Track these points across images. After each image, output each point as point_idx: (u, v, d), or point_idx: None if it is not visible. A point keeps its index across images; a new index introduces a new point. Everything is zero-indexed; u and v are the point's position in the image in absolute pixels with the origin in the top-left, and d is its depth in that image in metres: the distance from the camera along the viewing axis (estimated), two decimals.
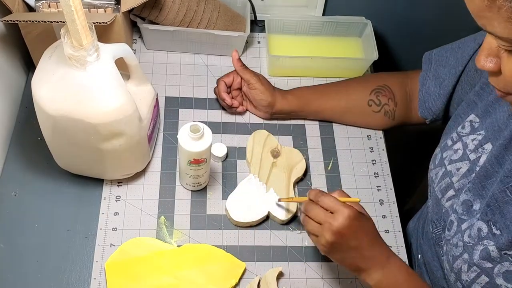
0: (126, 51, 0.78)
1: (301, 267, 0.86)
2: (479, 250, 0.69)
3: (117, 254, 0.82)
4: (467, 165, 0.75)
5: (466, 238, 0.71)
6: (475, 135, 0.75)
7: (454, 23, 1.25)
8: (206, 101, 1.03)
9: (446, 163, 0.79)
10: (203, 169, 0.85)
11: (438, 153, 0.82)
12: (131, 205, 0.89)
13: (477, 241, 0.69)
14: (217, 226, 0.88)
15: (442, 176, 0.80)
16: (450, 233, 0.76)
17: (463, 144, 0.77)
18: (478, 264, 0.69)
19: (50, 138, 0.82)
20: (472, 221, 0.71)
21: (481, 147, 0.73)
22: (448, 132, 0.82)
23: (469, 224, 0.72)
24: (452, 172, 0.78)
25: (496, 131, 0.72)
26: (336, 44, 1.14)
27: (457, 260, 0.73)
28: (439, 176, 0.80)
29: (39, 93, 0.73)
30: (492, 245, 0.67)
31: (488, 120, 0.74)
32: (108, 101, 0.73)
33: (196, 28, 1.03)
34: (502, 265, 0.66)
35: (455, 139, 0.79)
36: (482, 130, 0.74)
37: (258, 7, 1.12)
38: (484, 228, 0.68)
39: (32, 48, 0.95)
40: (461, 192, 0.75)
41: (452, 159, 0.78)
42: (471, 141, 0.76)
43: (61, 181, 0.89)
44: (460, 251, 0.72)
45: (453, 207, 0.76)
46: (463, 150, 0.76)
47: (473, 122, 0.76)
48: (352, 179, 0.97)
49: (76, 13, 0.64)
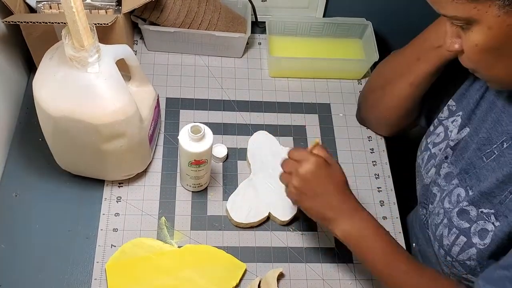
0: (127, 52, 0.78)
1: (302, 268, 0.86)
2: (457, 212, 0.72)
3: (118, 254, 0.83)
4: (445, 143, 0.80)
5: (446, 204, 0.75)
6: (454, 117, 0.79)
7: None
8: (207, 102, 1.03)
9: (431, 147, 0.83)
10: (204, 170, 0.85)
11: (423, 140, 0.86)
12: (132, 206, 0.89)
13: (456, 204, 0.73)
14: (217, 227, 0.88)
15: (427, 159, 0.83)
16: (433, 205, 0.79)
17: (444, 127, 0.81)
18: (457, 226, 0.72)
19: (51, 139, 0.82)
20: (449, 187, 0.75)
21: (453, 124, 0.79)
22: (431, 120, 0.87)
23: (448, 192, 0.76)
24: (436, 154, 0.82)
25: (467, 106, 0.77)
26: (337, 46, 1.14)
27: (439, 227, 0.76)
28: (425, 160, 0.84)
29: (40, 94, 0.74)
30: (468, 205, 0.71)
31: (464, 102, 0.78)
32: (109, 102, 0.73)
33: (197, 30, 1.03)
34: (478, 224, 0.69)
35: (436, 124, 0.83)
36: (460, 112, 0.78)
37: (259, 8, 1.12)
38: (462, 193, 0.73)
39: (33, 49, 0.96)
40: (440, 167, 0.79)
41: (435, 142, 0.82)
42: (451, 123, 0.80)
43: (62, 182, 0.89)
44: (441, 217, 0.76)
45: (435, 182, 0.80)
46: (444, 132, 0.81)
47: (450, 106, 0.81)
48: (352, 180, 0.97)
49: (77, 14, 0.64)
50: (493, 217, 0.68)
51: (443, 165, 0.79)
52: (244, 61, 1.10)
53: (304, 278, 0.85)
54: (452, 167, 0.77)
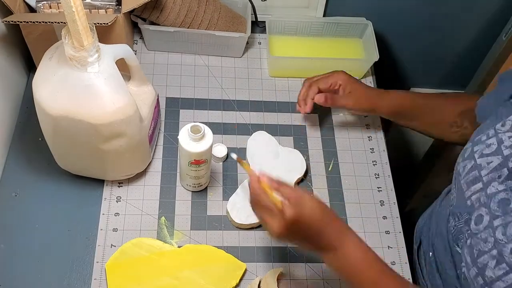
0: (127, 51, 0.78)
1: (302, 268, 0.86)
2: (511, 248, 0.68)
3: (118, 254, 0.82)
4: (499, 160, 0.74)
5: (499, 235, 0.70)
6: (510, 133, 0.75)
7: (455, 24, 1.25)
8: (207, 102, 1.03)
9: (476, 157, 0.78)
10: (204, 170, 0.85)
11: (468, 147, 0.81)
12: (132, 206, 0.89)
13: (511, 240, 0.68)
14: (217, 226, 0.88)
15: (470, 169, 0.79)
16: (478, 227, 0.74)
17: (498, 140, 0.76)
18: (509, 262, 0.68)
19: (51, 138, 0.82)
20: (507, 218, 0.70)
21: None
22: (485, 129, 0.80)
23: (503, 221, 0.70)
24: (481, 166, 0.77)
25: None
26: (337, 45, 1.14)
27: (484, 255, 0.71)
28: (467, 169, 0.79)
29: (40, 94, 0.73)
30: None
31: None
32: (109, 102, 0.73)
33: (197, 29, 1.03)
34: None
35: (491, 134, 0.78)
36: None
37: (259, 8, 1.12)
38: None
39: (33, 49, 0.96)
40: (489, 185, 0.74)
41: (483, 152, 0.77)
42: (507, 138, 0.75)
43: (62, 182, 0.89)
44: (490, 246, 0.71)
45: (480, 201, 0.75)
46: (497, 145, 0.76)
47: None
48: (352, 180, 0.97)
49: (77, 14, 0.64)
50: None
51: (493, 184, 0.74)
52: (244, 61, 1.10)
53: (304, 278, 0.85)
54: (511, 194, 0.71)
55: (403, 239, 0.91)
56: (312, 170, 0.97)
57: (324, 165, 0.98)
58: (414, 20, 1.24)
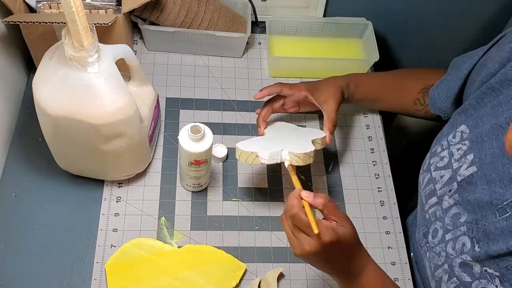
0: (127, 52, 0.78)
1: (302, 268, 0.86)
2: (459, 263, 0.69)
3: (118, 255, 0.82)
4: (449, 173, 0.75)
5: (449, 249, 0.72)
6: (461, 145, 0.75)
7: (455, 24, 1.25)
8: (207, 102, 1.03)
9: (432, 169, 0.79)
10: (204, 170, 0.85)
11: (427, 158, 0.83)
12: (132, 206, 0.89)
13: (459, 254, 0.70)
14: (217, 227, 0.88)
15: (427, 182, 0.80)
16: (434, 240, 0.76)
17: (449, 153, 0.77)
18: (458, 276, 0.69)
19: (50, 138, 0.82)
20: (456, 233, 0.71)
21: (465, 157, 0.73)
22: (440, 139, 0.81)
23: (453, 236, 0.72)
24: (436, 179, 0.78)
25: (479, 143, 0.72)
26: (337, 45, 1.14)
27: (439, 269, 0.74)
28: (425, 182, 0.81)
29: (40, 94, 0.73)
30: (473, 261, 0.67)
31: (475, 131, 0.74)
32: (109, 102, 0.73)
33: (196, 29, 1.03)
34: (480, 282, 0.66)
35: (445, 146, 0.79)
36: (467, 141, 0.74)
37: (259, 8, 1.12)
38: (468, 244, 0.69)
39: (33, 49, 0.96)
40: (442, 199, 0.76)
41: (437, 166, 0.78)
42: (456, 150, 0.76)
43: (62, 182, 0.89)
44: (442, 260, 0.73)
45: (436, 215, 0.77)
46: (448, 158, 0.77)
47: (463, 133, 0.76)
48: (352, 180, 0.97)
49: (77, 14, 0.64)
50: (497, 280, 0.64)
51: (445, 198, 0.75)
52: (244, 61, 1.10)
53: (304, 278, 0.85)
54: (460, 208, 0.72)
55: (403, 239, 0.91)
56: (312, 170, 0.97)
57: (324, 165, 0.98)
58: (414, 20, 1.24)
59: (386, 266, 0.88)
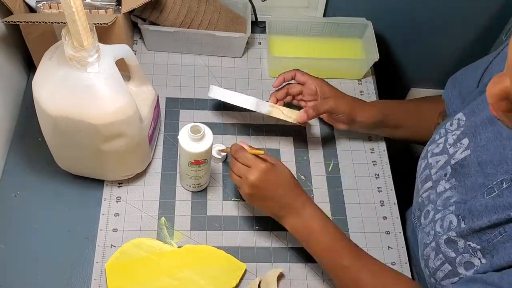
0: (127, 52, 0.78)
1: (302, 268, 0.86)
2: (445, 240, 0.72)
3: (118, 255, 0.82)
4: (445, 158, 0.79)
5: (437, 227, 0.75)
6: (458, 131, 0.78)
7: (455, 24, 1.25)
8: (207, 102, 1.03)
9: (429, 156, 0.82)
10: (204, 170, 0.85)
11: (426, 146, 0.85)
12: (132, 206, 0.89)
13: (446, 231, 0.73)
14: (217, 227, 0.88)
15: (424, 167, 0.83)
16: (425, 221, 0.79)
17: (445, 139, 0.80)
18: (444, 253, 0.72)
19: (50, 138, 0.82)
20: (445, 212, 0.74)
21: (459, 141, 0.77)
22: (440, 127, 0.84)
23: (442, 215, 0.75)
24: (432, 165, 0.81)
25: (474, 127, 0.75)
26: (337, 45, 1.14)
27: (427, 248, 0.76)
28: (421, 168, 0.84)
29: (39, 94, 0.73)
30: (458, 237, 0.70)
31: (471, 119, 0.77)
32: (109, 102, 0.73)
33: (196, 29, 1.03)
34: (464, 256, 0.69)
35: (442, 134, 0.81)
36: (463, 128, 0.77)
37: (259, 8, 1.12)
38: (454, 222, 0.72)
39: (33, 49, 0.96)
40: (437, 184, 0.78)
41: (434, 152, 0.81)
42: (451, 136, 0.79)
43: (62, 182, 0.89)
44: (430, 239, 0.76)
45: (430, 198, 0.79)
46: (443, 144, 0.80)
47: (460, 121, 0.79)
48: (353, 180, 0.97)
49: (77, 14, 0.64)
50: (479, 253, 0.66)
51: (441, 183, 0.78)
52: (244, 61, 1.10)
53: (304, 278, 0.85)
54: (454, 192, 0.75)
55: (403, 239, 0.91)
56: (312, 170, 0.97)
57: (324, 165, 0.98)
58: (414, 20, 1.24)
59: None
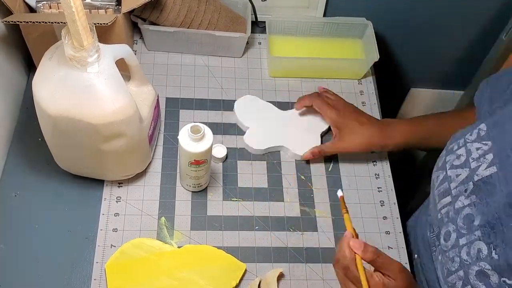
0: (127, 52, 0.78)
1: (302, 268, 0.86)
2: (476, 271, 0.67)
3: (118, 255, 0.82)
4: (466, 172, 0.73)
5: (463, 255, 0.70)
6: (481, 144, 0.73)
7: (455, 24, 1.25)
8: (207, 102, 1.03)
9: (447, 167, 0.77)
10: (204, 170, 0.85)
11: (442, 156, 0.80)
12: (132, 206, 0.89)
13: (475, 261, 0.67)
14: (217, 227, 0.88)
15: (442, 180, 0.78)
16: (447, 244, 0.74)
17: (467, 151, 0.75)
18: (473, 285, 0.67)
19: (50, 138, 0.82)
20: (471, 237, 0.69)
21: (484, 156, 0.71)
22: (458, 137, 0.79)
23: (467, 241, 0.69)
24: (451, 178, 0.76)
25: (501, 143, 0.70)
26: (337, 45, 1.14)
27: (452, 275, 0.71)
28: (439, 180, 0.79)
29: (39, 94, 0.73)
30: (491, 270, 0.65)
31: (496, 131, 0.72)
32: (109, 102, 0.73)
33: (196, 29, 1.03)
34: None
35: (461, 144, 0.76)
36: (489, 141, 0.72)
37: (259, 8, 1.12)
38: (485, 250, 0.66)
39: (33, 49, 0.96)
40: (456, 199, 0.73)
41: (453, 164, 0.76)
42: (475, 149, 0.73)
43: (62, 182, 0.89)
44: (456, 266, 0.71)
45: (449, 215, 0.74)
46: (466, 156, 0.74)
47: (480, 130, 0.74)
48: (352, 180, 0.97)
49: (77, 14, 0.64)
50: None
51: (460, 198, 0.72)
52: (244, 61, 1.10)
53: (304, 278, 0.85)
54: (474, 210, 0.69)
55: (403, 239, 0.91)
56: (312, 170, 0.97)
57: (324, 165, 0.98)
58: (414, 20, 1.24)
59: None
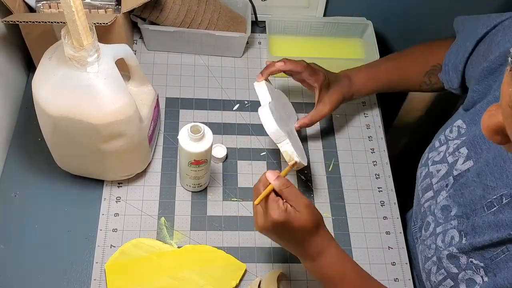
0: (126, 51, 0.78)
1: (302, 268, 0.86)
2: (446, 255, 0.71)
3: (117, 255, 0.82)
4: (446, 168, 0.77)
5: (439, 242, 0.73)
6: (458, 140, 0.76)
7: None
8: (207, 102, 1.03)
9: (429, 164, 0.80)
10: (204, 170, 0.85)
11: (426, 153, 0.84)
12: (132, 206, 0.88)
13: (447, 246, 0.71)
14: (217, 227, 0.88)
15: (424, 176, 0.81)
16: (426, 233, 0.78)
17: (446, 147, 0.78)
18: (446, 268, 0.71)
19: (50, 138, 0.82)
20: (447, 226, 0.73)
21: (458, 150, 0.75)
22: (439, 134, 0.83)
23: (443, 229, 0.73)
24: (432, 173, 0.79)
25: (473, 137, 0.73)
26: (337, 45, 1.14)
27: (428, 261, 0.75)
28: (422, 176, 0.82)
29: (39, 94, 0.73)
30: (460, 253, 0.69)
31: (471, 128, 0.75)
32: (109, 102, 0.73)
33: (196, 29, 1.03)
34: (466, 273, 0.68)
35: (442, 141, 0.80)
36: (465, 137, 0.75)
37: (259, 7, 1.12)
38: (456, 237, 0.71)
39: (32, 49, 0.95)
40: (438, 194, 0.77)
41: (434, 160, 0.80)
42: (452, 145, 0.77)
43: (61, 182, 0.89)
44: (432, 253, 0.74)
45: (431, 209, 0.78)
46: (444, 152, 0.78)
47: (460, 128, 0.77)
48: (353, 180, 0.96)
49: (76, 14, 0.64)
50: (482, 271, 0.66)
51: (442, 193, 0.76)
52: (244, 61, 1.10)
53: (304, 278, 0.85)
54: (450, 201, 0.74)
55: (403, 239, 0.91)
56: (312, 170, 0.97)
57: (324, 165, 0.98)
58: (414, 20, 1.24)
59: (386, 266, 0.88)
